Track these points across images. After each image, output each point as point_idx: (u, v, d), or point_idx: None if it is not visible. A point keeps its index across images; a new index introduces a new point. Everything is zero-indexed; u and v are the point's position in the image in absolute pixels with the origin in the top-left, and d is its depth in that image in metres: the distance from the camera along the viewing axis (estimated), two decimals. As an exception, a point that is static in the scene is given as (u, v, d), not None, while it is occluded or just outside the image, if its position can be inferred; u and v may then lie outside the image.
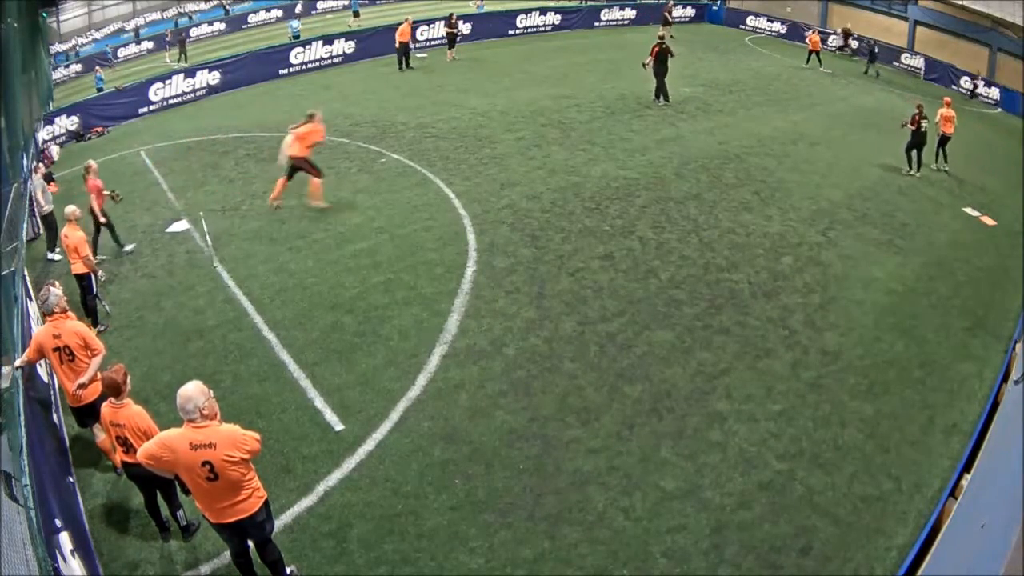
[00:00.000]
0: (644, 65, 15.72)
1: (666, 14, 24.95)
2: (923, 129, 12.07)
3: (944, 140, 12.59)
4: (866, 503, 5.21)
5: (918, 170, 12.28)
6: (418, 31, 21.57)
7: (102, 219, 8.87)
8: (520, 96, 16.24)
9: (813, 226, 9.83)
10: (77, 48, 32.53)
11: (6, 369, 4.83)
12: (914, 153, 12.24)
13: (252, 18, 34.63)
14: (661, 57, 15.34)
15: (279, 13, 34.27)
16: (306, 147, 9.99)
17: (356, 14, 28.68)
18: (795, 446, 5.74)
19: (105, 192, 8.90)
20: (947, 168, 12.47)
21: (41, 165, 10.41)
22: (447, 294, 7.81)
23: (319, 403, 6.14)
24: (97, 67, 25.40)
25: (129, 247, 9.28)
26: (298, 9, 32.52)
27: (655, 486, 5.28)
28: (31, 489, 3.59)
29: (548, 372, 6.56)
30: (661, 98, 15.67)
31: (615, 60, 20.35)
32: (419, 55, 20.71)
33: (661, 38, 15.59)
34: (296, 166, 9.99)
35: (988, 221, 10.75)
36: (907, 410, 6.28)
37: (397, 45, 19.29)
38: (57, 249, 9.20)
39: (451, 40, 20.58)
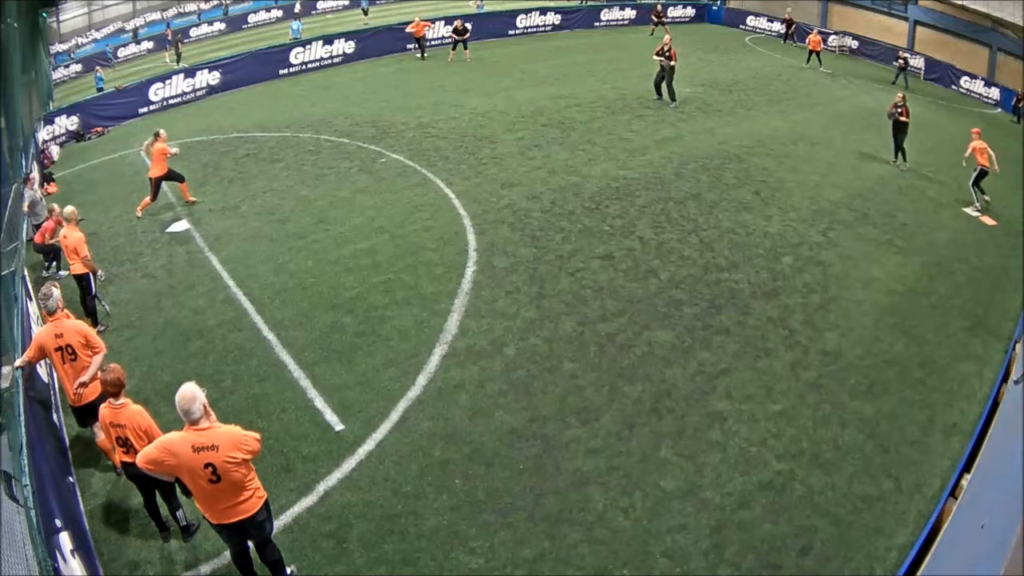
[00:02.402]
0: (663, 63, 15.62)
1: (653, 16, 25.20)
2: (904, 120, 12.31)
3: (982, 174, 11.20)
4: (866, 503, 5.21)
5: (902, 160, 12.53)
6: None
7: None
8: (520, 96, 16.24)
9: (813, 226, 9.83)
10: (74, 49, 32.49)
11: (6, 369, 4.83)
12: (899, 144, 12.49)
13: (252, 18, 34.63)
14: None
15: (279, 13, 34.28)
16: None
17: (365, 11, 28.98)
18: (795, 446, 5.74)
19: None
20: (982, 198, 11.34)
21: (34, 176, 10.32)
22: (447, 294, 7.81)
23: (319, 403, 6.14)
24: (97, 67, 25.41)
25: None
26: (297, 8, 32.54)
27: (655, 486, 5.28)
28: (31, 489, 3.60)
29: (548, 372, 6.56)
30: (669, 98, 15.64)
31: (615, 60, 20.35)
32: (416, 55, 20.75)
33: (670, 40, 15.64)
34: None
35: (988, 221, 10.75)
36: (907, 410, 6.28)
37: (418, 37, 20.62)
38: (53, 266, 9.00)
39: (456, 42, 20.57)
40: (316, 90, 17.68)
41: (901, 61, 21.45)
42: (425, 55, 20.71)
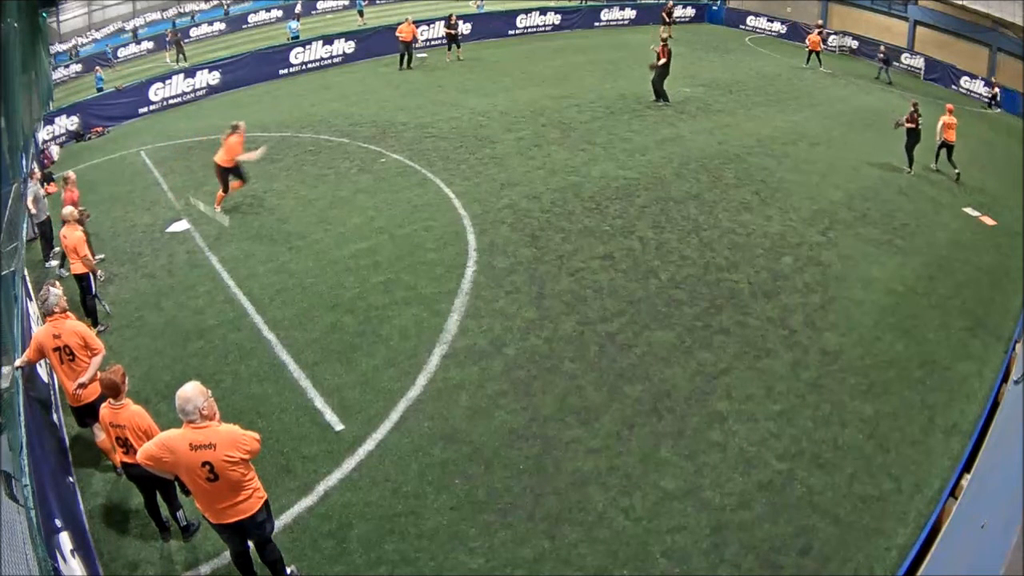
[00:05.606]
0: (653, 67, 15.57)
1: (664, 15, 25.01)
2: (919, 127, 12.19)
3: (948, 148, 12.33)
4: (866, 503, 5.21)
5: (907, 165, 12.41)
6: (418, 30, 21.53)
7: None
8: (520, 96, 16.24)
9: (813, 226, 9.83)
10: (77, 48, 32.51)
11: (6, 369, 4.82)
12: (909, 151, 12.36)
13: (252, 18, 34.63)
14: (668, 57, 15.35)
15: (279, 13, 34.27)
16: None
17: (361, 13, 29.04)
18: (795, 446, 5.74)
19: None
20: (958, 171, 12.23)
21: (36, 171, 10.34)
22: (447, 294, 7.81)
23: (319, 403, 6.14)
24: (97, 67, 25.39)
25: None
26: (298, 9, 32.54)
27: (655, 486, 5.28)
28: (31, 489, 3.60)
29: (548, 372, 6.56)
30: (661, 99, 15.66)
31: (615, 60, 20.35)
32: (419, 55, 20.71)
33: (666, 39, 15.56)
34: None
35: (988, 221, 10.75)
36: (907, 410, 6.28)
37: (406, 42, 19.36)
38: (53, 254, 9.15)
39: (451, 40, 20.54)
40: (316, 90, 17.68)
41: (881, 55, 21.43)
42: (411, 64, 19.45)
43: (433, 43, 22.13)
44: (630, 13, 27.68)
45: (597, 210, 10.01)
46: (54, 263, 9.08)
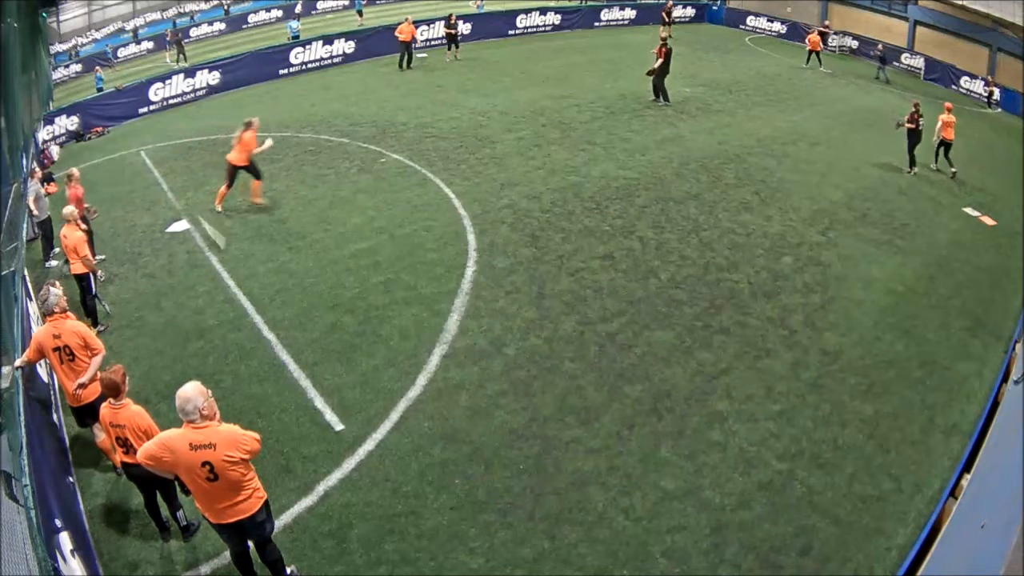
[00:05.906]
0: (651, 72, 15.65)
1: (664, 15, 25.02)
2: (920, 127, 12.21)
3: (946, 146, 12.42)
4: (866, 503, 5.21)
5: (908, 164, 12.42)
6: (418, 30, 21.51)
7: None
8: (520, 96, 16.24)
9: (813, 226, 9.83)
10: (77, 48, 32.52)
11: (6, 369, 4.82)
12: (910, 151, 12.38)
13: (252, 18, 34.63)
14: (667, 57, 15.38)
15: (279, 13, 34.28)
16: None
17: (360, 13, 29.10)
18: (795, 446, 5.74)
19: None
20: (954, 170, 12.32)
21: (37, 170, 10.32)
22: (447, 294, 7.81)
23: (319, 403, 6.14)
24: (97, 67, 25.39)
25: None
26: (298, 9, 32.55)
27: (655, 486, 5.28)
28: (31, 489, 3.60)
29: (548, 372, 6.56)
30: (661, 98, 15.68)
31: (615, 60, 20.35)
32: (419, 55, 20.69)
33: (665, 39, 15.58)
34: None
35: (988, 221, 10.75)
36: (907, 410, 6.28)
37: (406, 42, 19.14)
38: (53, 254, 9.19)
39: (450, 40, 20.55)
40: (316, 90, 17.67)
41: (878, 53, 21.46)
42: (411, 64, 19.37)
43: (433, 43, 22.12)
44: (630, 13, 27.68)
45: (597, 210, 10.01)
46: (55, 263, 9.09)
